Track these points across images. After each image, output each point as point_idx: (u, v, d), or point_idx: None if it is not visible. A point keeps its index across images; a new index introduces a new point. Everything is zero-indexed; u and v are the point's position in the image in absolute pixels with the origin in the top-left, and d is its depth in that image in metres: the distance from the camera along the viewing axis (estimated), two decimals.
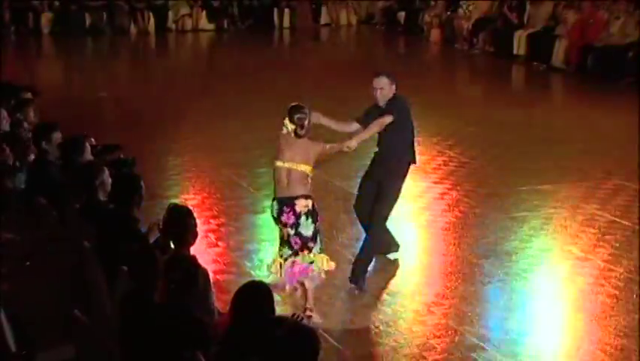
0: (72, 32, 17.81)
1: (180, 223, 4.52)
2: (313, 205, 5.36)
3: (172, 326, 3.57)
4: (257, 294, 3.69)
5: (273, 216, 5.42)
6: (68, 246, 4.47)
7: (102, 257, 4.47)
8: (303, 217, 5.30)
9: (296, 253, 5.37)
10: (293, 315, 3.90)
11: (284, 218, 5.31)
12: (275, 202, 5.38)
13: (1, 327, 3.78)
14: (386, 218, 6.05)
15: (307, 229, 5.32)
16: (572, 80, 13.87)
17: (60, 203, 5.21)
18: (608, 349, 5.15)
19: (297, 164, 5.30)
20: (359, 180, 6.35)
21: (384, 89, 5.90)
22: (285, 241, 5.42)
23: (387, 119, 5.86)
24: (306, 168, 5.33)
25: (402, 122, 5.94)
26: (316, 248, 5.40)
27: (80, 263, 4.36)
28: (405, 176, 6.10)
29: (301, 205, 5.28)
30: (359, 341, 5.34)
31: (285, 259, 5.41)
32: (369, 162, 6.24)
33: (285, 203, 5.31)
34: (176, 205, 4.81)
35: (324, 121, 5.78)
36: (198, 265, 4.14)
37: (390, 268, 6.38)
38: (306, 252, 5.36)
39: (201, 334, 3.62)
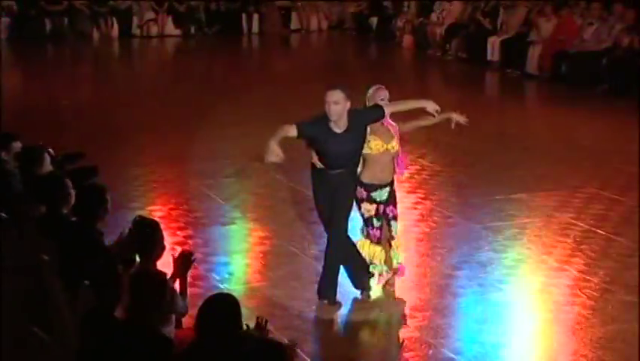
0: (32, 38, 17.63)
1: (147, 237, 4.48)
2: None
3: (136, 343, 3.53)
4: (223, 307, 3.67)
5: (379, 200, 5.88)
6: (27, 261, 4.41)
7: (64, 272, 4.42)
8: None
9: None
10: (257, 320, 3.86)
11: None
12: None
13: None
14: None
15: None
16: (545, 87, 14.03)
17: (19, 216, 5.15)
18: None
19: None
20: None
21: (338, 103, 5.67)
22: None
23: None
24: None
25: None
26: None
27: (39, 279, 4.30)
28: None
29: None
30: (331, 354, 5.33)
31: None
32: None
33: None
34: (142, 218, 4.77)
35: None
36: (165, 280, 4.11)
37: None
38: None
39: (165, 351, 3.59)
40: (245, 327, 3.78)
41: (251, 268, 6.69)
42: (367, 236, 5.95)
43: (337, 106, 5.61)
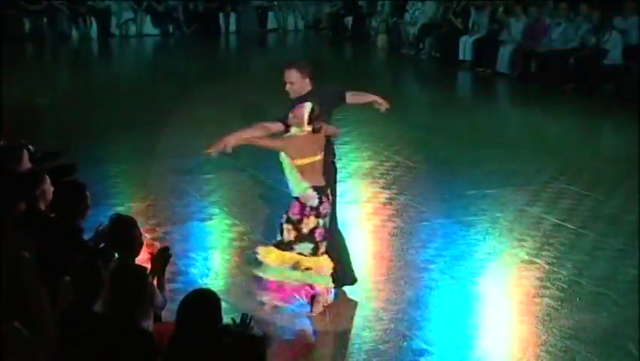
0: (11, 37, 17.42)
1: (125, 234, 4.47)
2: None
3: (116, 339, 3.50)
4: (203, 302, 3.66)
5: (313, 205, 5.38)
6: (7, 257, 4.36)
7: (44, 268, 4.38)
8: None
9: (316, 248, 5.41)
10: (242, 316, 3.86)
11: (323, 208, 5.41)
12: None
13: None
14: None
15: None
16: (516, 86, 14.12)
17: None
18: (553, 351, 5.24)
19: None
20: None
21: (294, 83, 5.62)
22: (304, 236, 5.39)
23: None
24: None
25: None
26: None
27: (19, 275, 4.25)
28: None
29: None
30: (307, 347, 5.33)
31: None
32: None
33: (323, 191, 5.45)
34: (120, 215, 4.75)
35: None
36: (145, 275, 4.09)
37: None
38: (322, 245, 5.47)
39: (146, 346, 3.57)
40: (231, 321, 3.77)
41: (230, 263, 6.66)
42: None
43: (293, 86, 5.59)
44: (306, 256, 5.42)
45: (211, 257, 6.68)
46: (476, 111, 12.45)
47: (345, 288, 6.00)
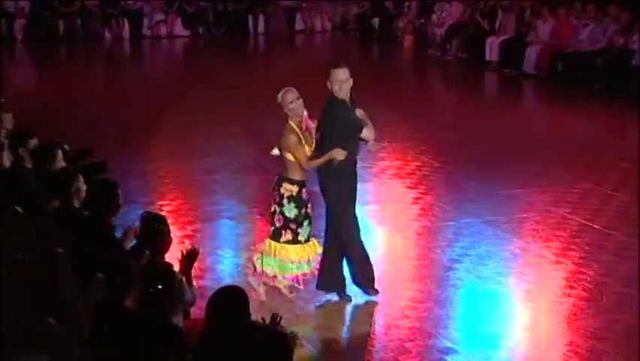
0: (45, 39, 17.65)
1: (154, 231, 4.51)
2: (299, 191, 5.62)
3: (147, 334, 3.54)
4: (231, 299, 3.68)
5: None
6: (42, 253, 4.43)
7: (77, 265, 4.43)
8: (285, 200, 5.60)
9: (275, 232, 5.68)
10: (272, 316, 3.88)
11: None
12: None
13: None
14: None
15: (290, 211, 5.64)
16: (543, 86, 14.00)
17: (34, 210, 5.16)
18: (579, 351, 5.20)
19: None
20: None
21: (350, 80, 5.62)
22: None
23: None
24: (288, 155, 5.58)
25: None
26: (301, 235, 5.67)
27: (54, 271, 4.31)
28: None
29: (285, 189, 5.62)
30: (334, 345, 5.34)
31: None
32: None
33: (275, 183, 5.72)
34: (150, 213, 4.80)
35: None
36: (173, 273, 4.12)
37: None
38: (287, 232, 5.66)
39: (176, 341, 3.60)
40: (261, 321, 3.80)
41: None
42: (309, 236, 5.79)
43: (350, 82, 5.68)
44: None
45: (239, 255, 6.71)
46: (503, 112, 12.36)
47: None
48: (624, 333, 5.42)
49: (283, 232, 5.68)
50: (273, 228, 5.74)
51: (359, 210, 5.89)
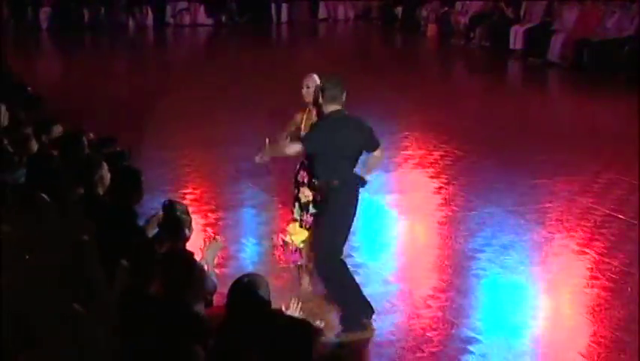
0: (70, 27, 17.77)
1: (176, 220, 4.54)
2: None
3: (169, 321, 3.56)
4: (253, 286, 3.69)
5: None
6: (67, 240, 4.47)
7: (102, 251, 4.47)
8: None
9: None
10: (292, 304, 3.88)
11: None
12: None
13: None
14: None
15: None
16: (568, 75, 13.87)
17: (59, 197, 5.21)
18: (604, 341, 5.16)
19: None
20: None
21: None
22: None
23: None
24: None
25: None
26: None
27: (79, 257, 4.35)
28: None
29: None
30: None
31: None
32: None
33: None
34: (172, 202, 4.81)
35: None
36: (194, 261, 4.13)
37: (387, 262, 6.39)
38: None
39: (198, 327, 3.62)
40: (283, 308, 3.80)
41: (278, 249, 6.70)
42: (301, 221, 5.64)
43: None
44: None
45: (261, 243, 6.72)
46: (527, 101, 12.26)
47: (394, 275, 5.97)
48: None
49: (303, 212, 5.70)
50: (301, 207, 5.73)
51: (383, 200, 5.85)
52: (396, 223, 7.04)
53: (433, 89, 12.81)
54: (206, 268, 4.49)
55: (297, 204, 5.68)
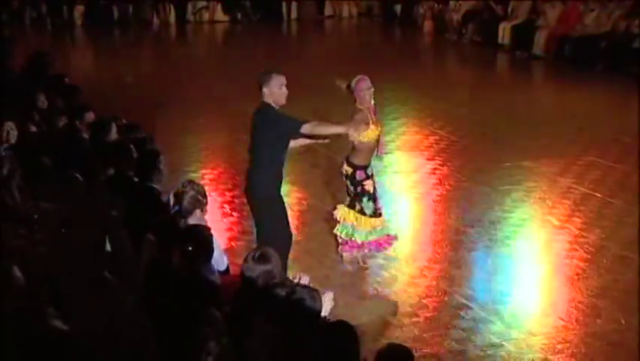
0: (101, 24, 17.71)
1: (189, 198, 4.49)
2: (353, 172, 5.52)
3: (189, 288, 3.55)
4: (265, 259, 3.67)
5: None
6: (98, 215, 4.45)
7: (129, 226, 4.45)
8: (344, 178, 5.60)
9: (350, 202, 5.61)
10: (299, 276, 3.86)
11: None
12: None
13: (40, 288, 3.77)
14: None
15: (350, 187, 5.61)
16: (551, 67, 13.75)
17: (91, 177, 5.19)
18: (581, 307, 5.14)
19: None
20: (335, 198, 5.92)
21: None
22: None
23: None
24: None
25: None
26: (366, 208, 5.58)
27: (109, 231, 4.34)
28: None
29: (344, 168, 5.60)
30: (358, 301, 5.33)
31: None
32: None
33: None
34: (190, 182, 4.75)
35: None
36: (211, 235, 4.09)
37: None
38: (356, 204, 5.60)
39: (213, 294, 3.60)
40: (291, 278, 3.77)
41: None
42: (373, 212, 5.56)
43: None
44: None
45: None
46: (513, 90, 12.16)
47: (393, 248, 5.95)
48: (623, 291, 5.34)
49: (355, 203, 5.60)
50: (349, 198, 5.65)
51: (383, 180, 5.82)
52: (395, 201, 7.00)
53: (428, 80, 12.71)
54: (219, 246, 4.45)
55: (364, 199, 5.53)
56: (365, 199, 5.57)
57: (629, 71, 12.10)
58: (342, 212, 5.64)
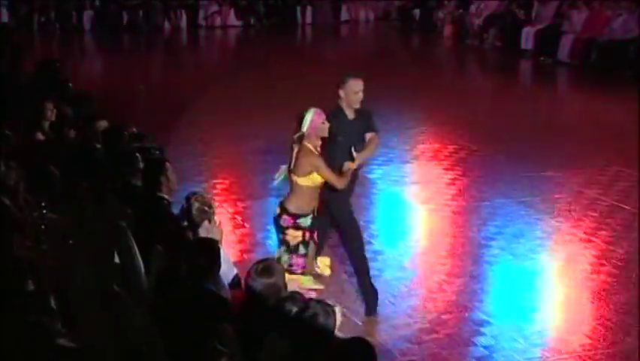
0: (111, 29, 17.88)
1: (197, 210, 4.53)
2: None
3: (197, 302, 3.55)
4: (268, 272, 3.67)
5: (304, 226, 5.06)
6: (107, 226, 4.49)
7: (138, 237, 4.48)
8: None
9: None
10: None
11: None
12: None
13: (48, 300, 3.80)
14: None
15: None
16: (576, 74, 13.70)
17: (100, 186, 5.23)
18: (609, 324, 5.09)
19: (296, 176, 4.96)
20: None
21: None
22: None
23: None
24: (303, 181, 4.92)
25: None
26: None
27: (118, 242, 4.37)
28: None
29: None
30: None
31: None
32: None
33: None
34: (194, 193, 4.77)
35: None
36: (218, 249, 4.09)
37: (404, 249, 6.36)
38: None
39: (222, 309, 3.61)
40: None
41: None
42: (290, 266, 4.98)
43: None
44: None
45: None
46: (537, 98, 12.13)
47: (410, 260, 5.93)
48: None
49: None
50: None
51: (401, 190, 5.80)
52: (413, 212, 6.99)
53: (448, 87, 12.70)
54: (226, 257, 4.46)
55: (282, 248, 5.05)
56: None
57: None
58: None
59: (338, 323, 3.46)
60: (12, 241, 4.01)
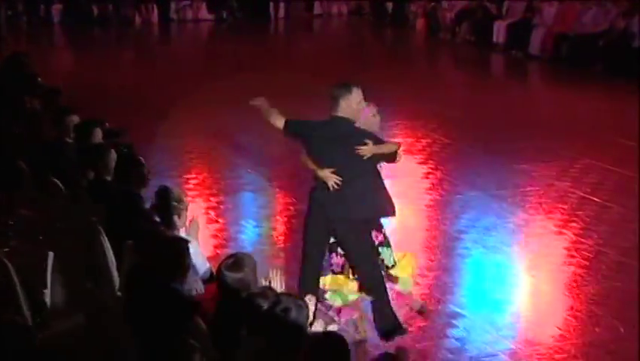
0: (80, 22, 17.67)
1: (167, 206, 4.52)
2: None
3: (167, 299, 3.54)
4: (239, 265, 3.66)
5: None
6: (78, 222, 4.45)
7: (110, 232, 4.45)
8: None
9: None
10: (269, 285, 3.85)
11: None
12: None
13: (18, 298, 3.77)
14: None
15: None
16: (547, 67, 13.85)
17: (71, 182, 5.19)
18: (579, 315, 5.18)
19: None
20: None
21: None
22: None
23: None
24: None
25: None
26: None
27: (89, 238, 4.34)
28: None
29: None
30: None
31: None
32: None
33: None
34: (165, 188, 4.76)
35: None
36: (185, 247, 4.06)
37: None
38: None
39: (191, 306, 3.59)
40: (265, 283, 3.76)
41: (277, 230, 6.71)
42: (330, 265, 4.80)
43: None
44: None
45: (259, 225, 6.72)
46: (509, 91, 12.24)
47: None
48: (621, 299, 5.39)
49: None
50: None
51: None
52: None
53: (421, 81, 12.76)
54: (199, 251, 4.44)
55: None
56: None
57: (628, 72, 12.22)
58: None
59: (310, 317, 3.47)
60: None
